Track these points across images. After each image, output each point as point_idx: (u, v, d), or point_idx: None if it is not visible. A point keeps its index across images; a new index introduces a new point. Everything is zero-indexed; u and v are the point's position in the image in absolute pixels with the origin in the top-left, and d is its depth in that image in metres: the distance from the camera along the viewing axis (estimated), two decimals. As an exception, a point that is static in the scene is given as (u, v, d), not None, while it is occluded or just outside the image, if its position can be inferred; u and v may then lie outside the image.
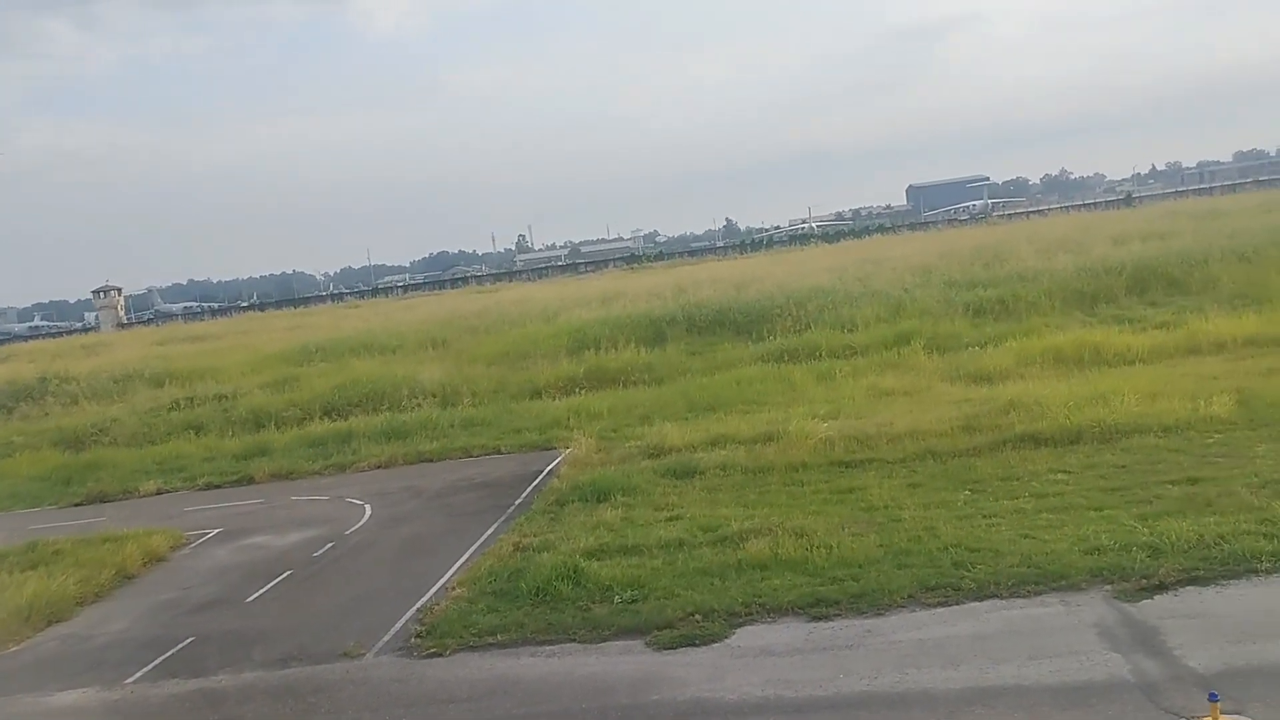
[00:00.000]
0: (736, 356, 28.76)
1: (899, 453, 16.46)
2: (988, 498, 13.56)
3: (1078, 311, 29.52)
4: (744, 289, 38.44)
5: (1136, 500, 12.48)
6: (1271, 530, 10.59)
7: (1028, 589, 10.15)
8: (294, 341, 45.27)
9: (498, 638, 10.59)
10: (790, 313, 31.77)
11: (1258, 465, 13.29)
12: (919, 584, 10.54)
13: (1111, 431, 15.84)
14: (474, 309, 49.00)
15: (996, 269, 35.30)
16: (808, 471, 16.01)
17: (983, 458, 15.61)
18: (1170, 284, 30.66)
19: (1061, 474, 14.23)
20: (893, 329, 28.57)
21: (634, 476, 16.62)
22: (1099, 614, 9.39)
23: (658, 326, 33.02)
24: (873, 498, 14.09)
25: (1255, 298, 27.79)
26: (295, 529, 16.75)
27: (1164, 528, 11.06)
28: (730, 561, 11.72)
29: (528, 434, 22.12)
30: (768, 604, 10.52)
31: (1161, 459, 14.30)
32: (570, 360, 29.72)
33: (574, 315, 37.60)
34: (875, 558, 11.39)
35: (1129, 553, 10.54)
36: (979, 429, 17.09)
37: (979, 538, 11.69)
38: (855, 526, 12.75)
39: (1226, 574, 9.86)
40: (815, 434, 17.93)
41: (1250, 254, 31.37)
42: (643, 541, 12.93)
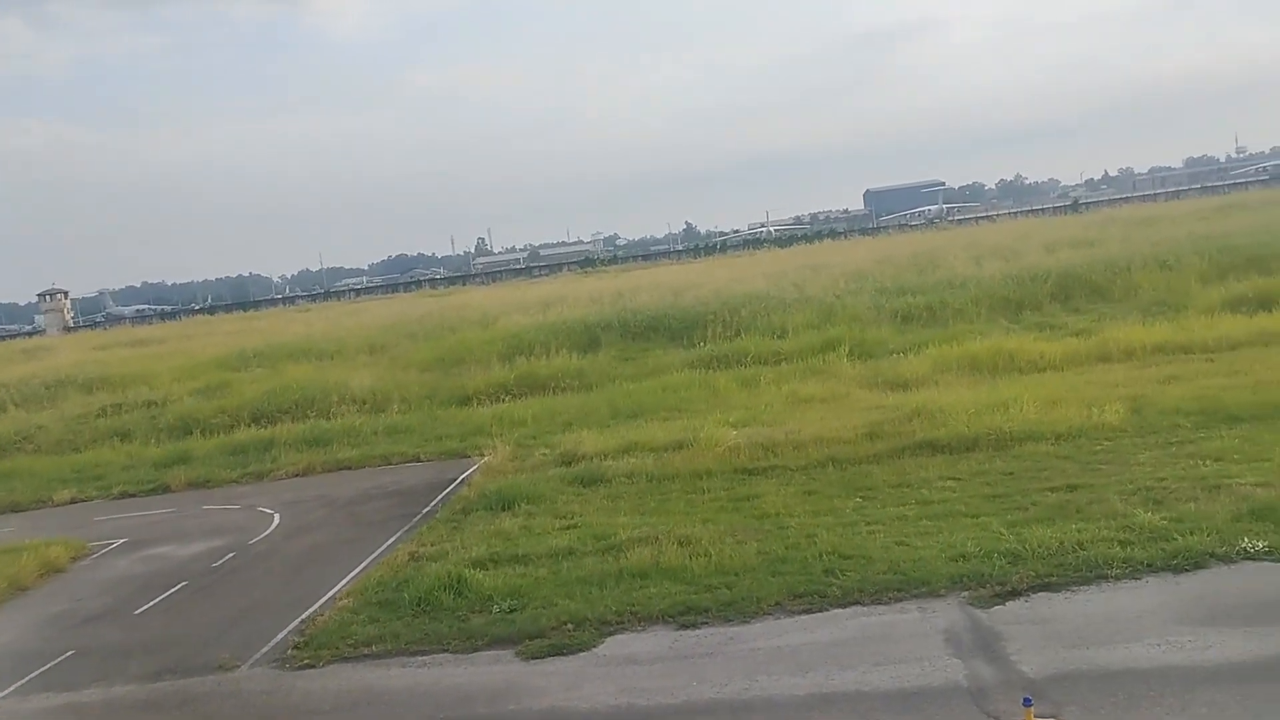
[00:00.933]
0: (667, 363, 28.97)
1: (802, 460, 16.67)
2: (876, 505, 13.82)
3: (1002, 319, 30.06)
4: (681, 295, 38.69)
5: (1013, 507, 12.79)
6: (1127, 537, 10.92)
7: (890, 596, 10.40)
8: (235, 346, 44.85)
9: (373, 648, 10.65)
10: (723, 319, 32.08)
11: (1135, 472, 13.66)
12: (788, 591, 10.75)
13: (1007, 439, 16.16)
14: (417, 314, 48.92)
15: (929, 275, 35.87)
16: (710, 479, 16.18)
17: (881, 465, 15.88)
18: (1093, 291, 31.36)
19: (951, 481, 14.53)
20: (821, 335, 28.94)
21: (541, 485, 16.73)
22: (951, 620, 9.65)
23: (592, 333, 33.20)
24: (767, 505, 14.30)
25: (1173, 304, 28.52)
26: (200, 539, 16.68)
27: (1029, 535, 11.36)
28: (612, 570, 11.86)
29: (448, 441, 22.16)
30: (640, 612, 10.67)
31: (1048, 466, 14.64)
32: (502, 367, 29.77)
33: (512, 321, 37.63)
34: (752, 565, 11.59)
35: (990, 559, 10.82)
36: (882, 436, 17.38)
37: (855, 545, 11.92)
38: (741, 534, 12.95)
39: (1078, 580, 10.16)
40: (724, 441, 18.15)
41: (1172, 261, 32.14)
42: (533, 550, 13.05)
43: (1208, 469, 13.37)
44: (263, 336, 50.92)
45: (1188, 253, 32.57)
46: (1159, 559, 10.34)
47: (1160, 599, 9.58)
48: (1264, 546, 10.28)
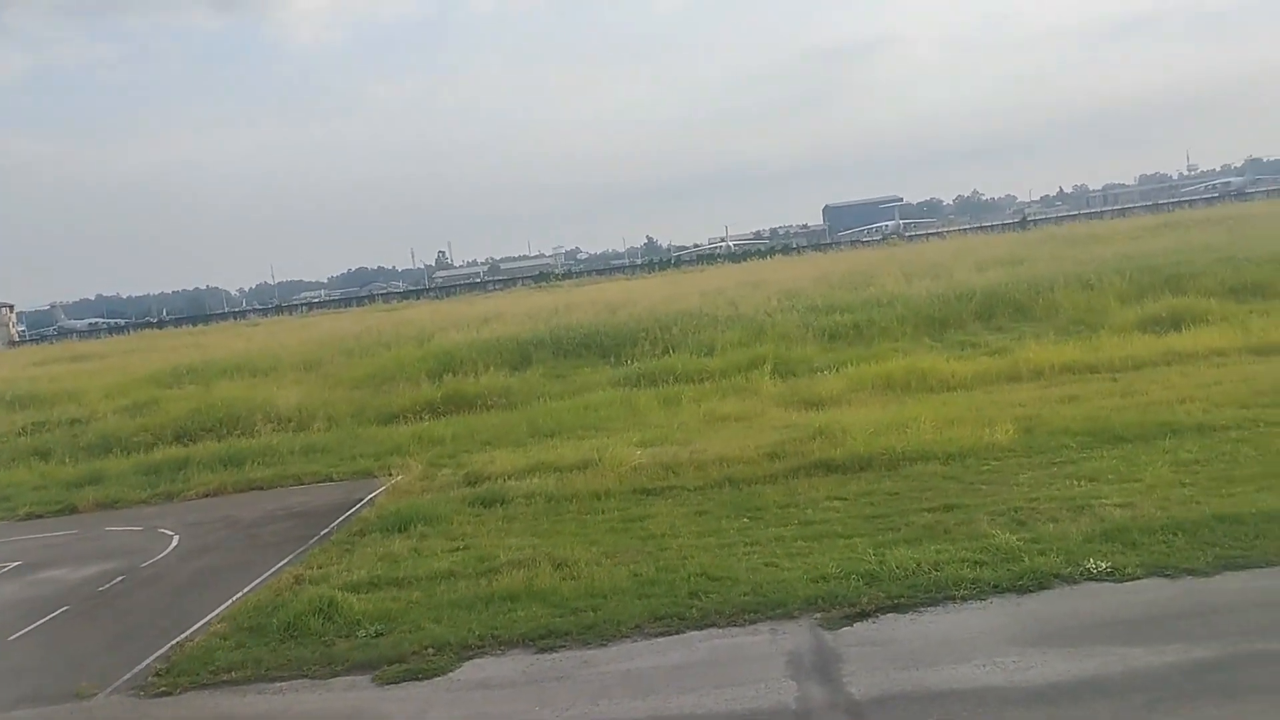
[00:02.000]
0: (595, 381, 29.08)
1: (701, 480, 16.84)
2: (760, 526, 14.01)
3: (926, 337, 30.48)
4: (618, 311, 38.88)
5: (887, 528, 13.04)
6: (983, 558, 11.18)
7: (746, 618, 10.57)
8: (172, 362, 44.38)
9: (232, 675, 10.62)
10: (654, 337, 32.28)
11: (1011, 493, 13.97)
12: (650, 614, 10.88)
13: (899, 459, 16.45)
14: (358, 329, 48.69)
15: (861, 293, 36.32)
16: (608, 500, 16.29)
17: (775, 485, 16.08)
18: (1016, 310, 31.90)
19: (838, 501, 14.76)
20: (748, 353, 29.20)
21: (441, 506, 16.75)
22: (797, 642, 9.83)
23: (524, 350, 33.24)
24: (655, 526, 14.44)
25: (1091, 324, 29.10)
26: (95, 562, 16.50)
27: (891, 556, 11.60)
28: (484, 593, 11.94)
29: (364, 461, 22.08)
30: (503, 636, 10.75)
31: (932, 486, 14.92)
32: (431, 384, 29.70)
33: (447, 338, 37.57)
34: (622, 588, 11.71)
35: (849, 581, 11.03)
36: (783, 456, 17.61)
37: (726, 566, 12.10)
38: (622, 556, 13.08)
39: (927, 601, 10.39)
40: (629, 461, 18.32)
41: (1094, 281, 32.78)
42: (414, 573, 13.09)
43: (1080, 489, 13.71)
44: (204, 352, 50.41)
45: (1110, 272, 33.24)
46: (1007, 580, 10.61)
47: (999, 620, 9.83)
48: (1107, 567, 10.59)
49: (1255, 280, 30.55)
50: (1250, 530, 11.04)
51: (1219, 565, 10.35)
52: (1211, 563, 10.42)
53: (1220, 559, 10.47)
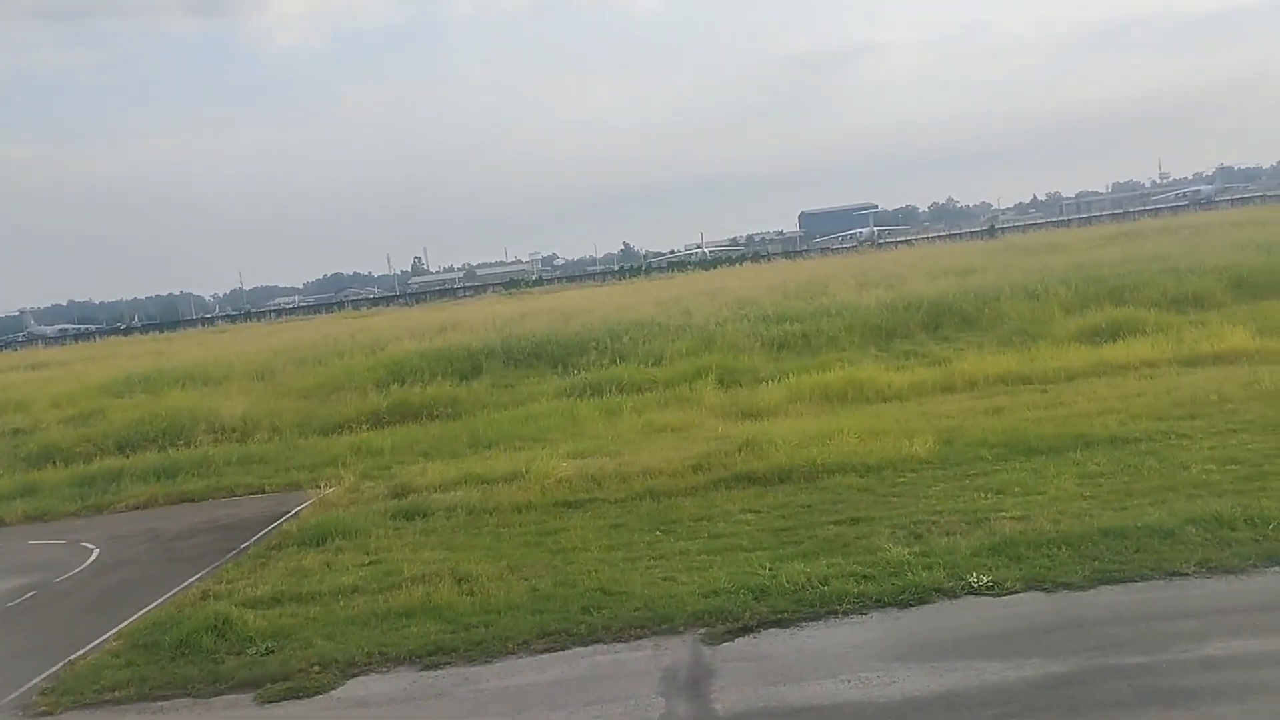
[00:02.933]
0: (541, 390, 29.08)
1: (624, 492, 16.89)
2: (671, 539, 14.08)
3: (873, 347, 30.71)
4: (571, 320, 38.91)
5: (791, 541, 13.14)
6: (871, 573, 11.29)
7: (633, 633, 10.63)
8: (130, 370, 44.05)
9: (116, 694, 10.58)
10: (604, 346, 32.35)
11: (919, 506, 14.11)
12: (540, 630, 10.92)
13: (819, 471, 16.57)
14: (317, 337, 48.49)
15: (813, 302, 36.50)
16: (529, 512, 16.33)
17: (695, 497, 16.16)
18: (963, 320, 32.14)
19: (751, 514, 14.85)
20: (695, 363, 29.26)
21: (364, 519, 16.71)
22: (677, 658, 9.90)
23: (475, 359, 33.19)
24: (568, 540, 14.48)
25: (1034, 334, 29.34)
26: (9, 576, 16.35)
27: (786, 569, 11.70)
28: (381, 609, 11.94)
29: (298, 473, 22.00)
30: (391, 653, 10.76)
31: (846, 499, 15.03)
32: (378, 394, 29.64)
33: (401, 347, 37.50)
34: (518, 603, 11.75)
35: (739, 595, 11.11)
36: (707, 468, 17.68)
37: (624, 581, 12.16)
38: (529, 570, 13.12)
39: (810, 616, 10.49)
40: (555, 473, 18.37)
41: (1040, 291, 33.08)
42: (318, 589, 13.07)
43: (984, 502, 13.87)
44: (163, 360, 50.17)
45: (1056, 282, 33.54)
46: (890, 594, 10.72)
47: (874, 635, 9.94)
48: (988, 581, 10.72)
49: (1196, 291, 30.94)
50: (1132, 544, 11.21)
51: (1095, 579, 10.51)
52: (1088, 577, 10.57)
53: (1098, 573, 10.63)
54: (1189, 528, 11.34)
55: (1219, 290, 30.72)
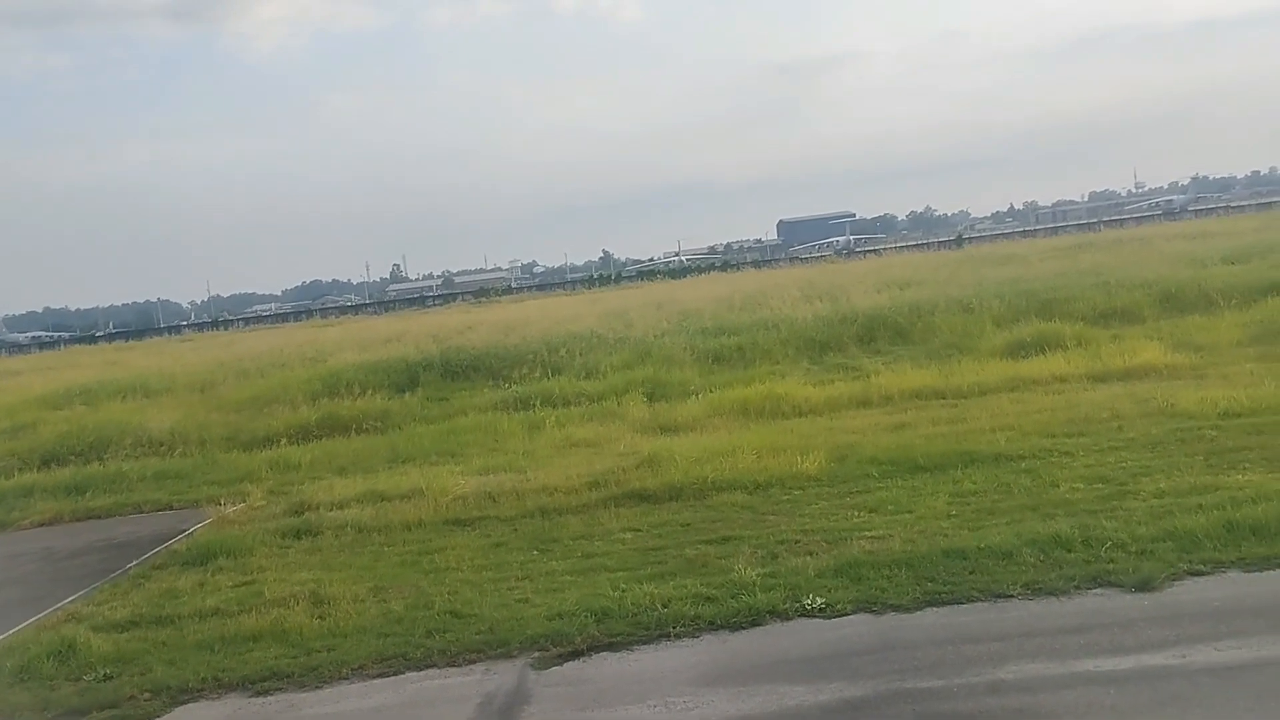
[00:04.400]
0: (473, 404, 29.11)
1: (516, 510, 16.93)
2: (546, 559, 14.13)
3: (806, 360, 30.88)
4: (511, 333, 38.97)
5: (655, 561, 13.20)
6: (714, 594, 11.37)
7: (468, 657, 10.66)
8: (77, 381, 43.87)
9: (-60, 721, 10.56)
10: (542, 359, 32.41)
11: (792, 524, 14.20)
12: (379, 654, 10.94)
13: (709, 488, 16.64)
14: (265, 348, 48.42)
15: (754, 314, 36.71)
16: (417, 531, 16.35)
17: (583, 515, 16.21)
18: (896, 333, 32.34)
19: (630, 533, 14.91)
20: (627, 377, 29.36)
21: (253, 538, 16.68)
22: (501, 684, 9.94)
23: (413, 372, 33.23)
24: (445, 560, 14.48)
25: (963, 348, 29.56)
26: (-109, 598, 16.25)
27: (636, 591, 11.76)
28: (230, 632, 11.93)
29: (209, 489, 21.90)
30: (226, 679, 10.75)
31: (726, 517, 15.12)
32: (308, 407, 29.61)
33: (342, 358, 37.48)
34: (366, 626, 11.77)
35: (581, 618, 11.16)
36: (604, 484, 17.73)
37: (480, 602, 12.20)
38: (394, 591, 13.14)
39: (643, 639, 10.55)
40: (454, 490, 18.42)
41: (974, 304, 33.34)
42: (179, 611, 13.05)
43: (855, 521, 13.99)
44: (118, 370, 50.07)
45: (990, 296, 33.81)
46: (725, 616, 10.80)
47: (698, 658, 10.02)
48: (822, 603, 10.81)
49: (1124, 305, 31.24)
50: (969, 565, 11.33)
51: (924, 601, 10.61)
52: (918, 599, 10.67)
53: (928, 595, 10.74)
54: (1027, 549, 11.47)
55: (1146, 305, 31.03)
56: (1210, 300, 30.13)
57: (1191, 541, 11.08)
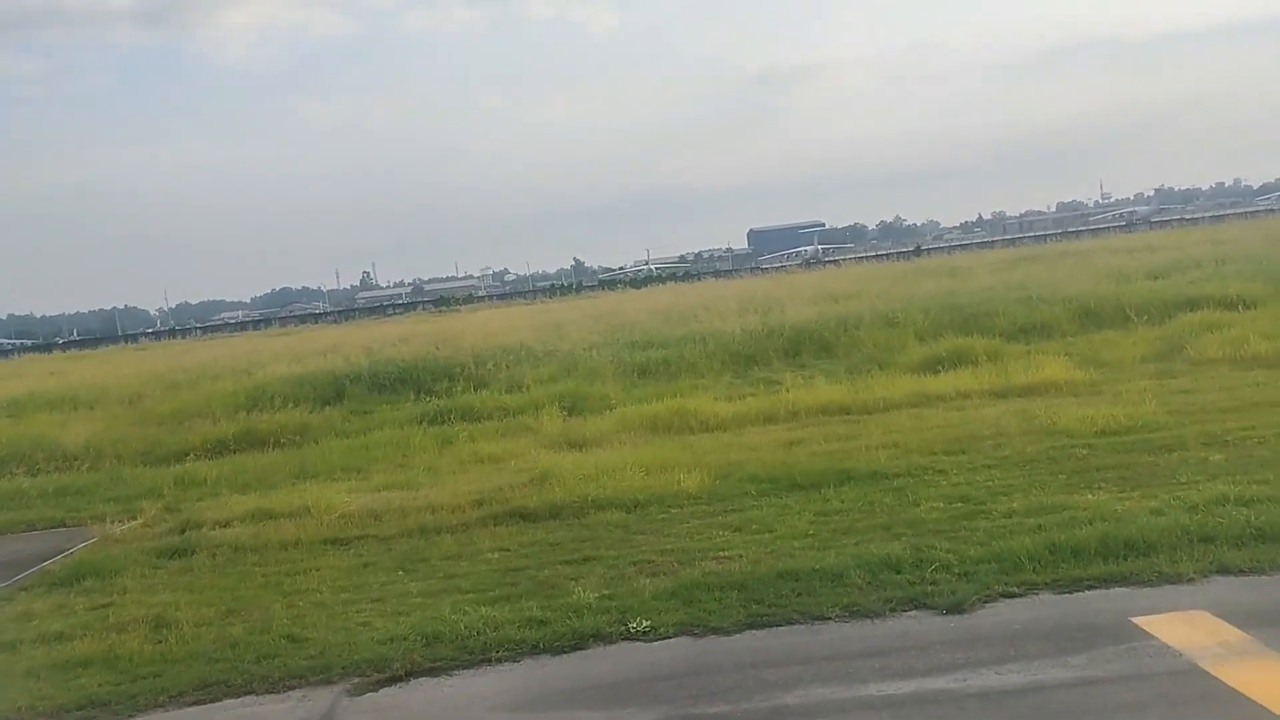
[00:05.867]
0: (394, 418, 29.05)
1: (397, 529, 16.88)
2: (408, 580, 14.10)
3: (730, 374, 31.05)
4: (446, 344, 38.95)
5: (508, 583, 13.20)
6: (548, 617, 11.38)
7: (289, 684, 10.60)
8: (9, 392, 43.45)
9: None
10: (469, 372, 32.40)
11: (658, 544, 14.26)
12: (202, 681, 10.85)
13: (590, 506, 16.67)
14: (205, 359, 48.12)
15: (685, 327, 36.86)
16: (293, 550, 16.27)
17: (459, 534, 16.18)
18: (821, 347, 32.58)
19: (498, 553, 14.91)
20: (550, 390, 29.40)
21: (128, 558, 16.54)
22: (312, 711, 9.91)
23: (339, 384, 33.14)
24: (310, 581, 14.42)
25: (883, 362, 29.82)
26: None
27: (475, 614, 11.77)
28: (60, 659, 11.81)
29: (108, 505, 21.58)
30: (43, 708, 10.61)
31: (596, 537, 15.15)
32: (228, 421, 29.44)
33: (271, 370, 37.30)
34: (202, 651, 11.68)
35: (410, 642, 11.14)
36: (489, 502, 17.73)
37: (323, 626, 12.16)
38: (245, 614, 13.07)
39: (466, 663, 10.54)
40: (341, 507, 18.36)
41: (899, 318, 33.65)
42: (23, 636, 12.89)
43: (716, 540, 14.07)
44: (56, 380, 49.60)
45: (916, 310, 34.11)
46: (550, 639, 10.81)
47: (513, 683, 10.03)
48: (646, 626, 10.86)
49: (1044, 320, 31.64)
50: (799, 587, 11.42)
51: (746, 624, 10.68)
52: (740, 621, 10.74)
53: (752, 617, 10.81)
54: (858, 570, 11.57)
55: (1065, 320, 31.43)
56: (1126, 316, 30.52)
57: (1014, 563, 11.22)
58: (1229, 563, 10.70)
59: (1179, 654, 8.74)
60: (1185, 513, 12.19)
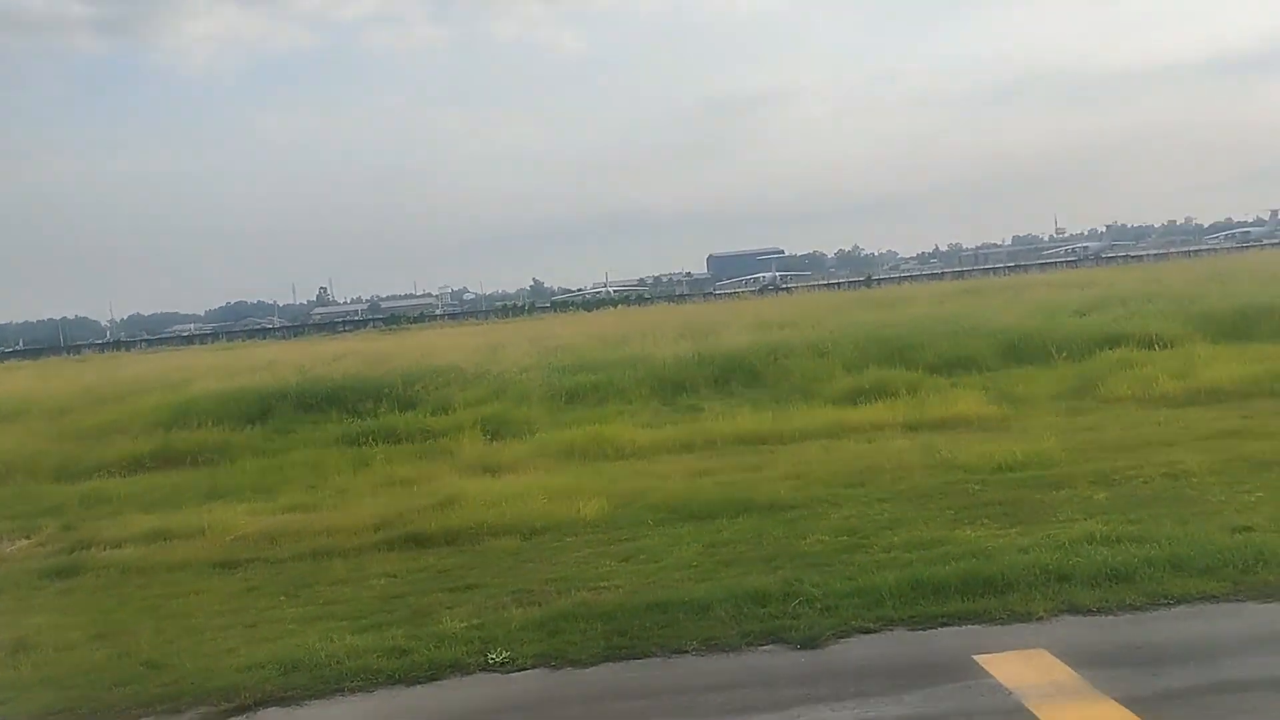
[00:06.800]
0: (317, 437, 28.74)
1: (290, 552, 16.69)
2: (290, 605, 13.92)
3: (658, 401, 31.11)
4: (381, 364, 38.71)
5: (384, 610, 13.07)
6: (411, 647, 11.27)
7: (137, 712, 10.37)
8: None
9: None
10: (398, 393, 32.19)
11: (544, 572, 14.24)
12: (46, 709, 10.60)
13: (486, 532, 16.60)
14: (145, 370, 47.42)
15: (618, 352, 36.93)
16: (180, 573, 16.02)
17: (352, 559, 16.05)
18: (751, 376, 32.76)
19: (386, 578, 14.79)
20: (476, 413, 29.27)
21: (11, 579, 16.26)
22: (150, 740, 9.77)
23: (266, 402, 32.76)
24: (189, 605, 14.22)
25: (810, 392, 30.00)
26: None
27: (340, 641, 11.64)
28: (-94, 684, 11.57)
29: (7, 523, 21.29)
30: (-121, 733, 10.42)
31: (487, 564, 15.08)
32: (147, 438, 29.02)
33: (200, 386, 36.83)
34: (56, 678, 11.42)
35: (269, 669, 11.01)
36: (387, 526, 17.60)
37: (188, 653, 11.95)
38: (114, 640, 12.83)
39: (319, 693, 10.41)
40: (238, 530, 18.14)
41: (829, 347, 33.95)
42: (-121, 658, 12.63)
43: (602, 569, 14.06)
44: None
45: (846, 341, 34.46)
46: (407, 669, 10.72)
47: (364, 714, 9.96)
48: (505, 657, 10.82)
49: (970, 353, 32.06)
50: (665, 619, 11.43)
51: (604, 656, 10.67)
52: (600, 653, 10.73)
53: (612, 649, 10.80)
54: (725, 603, 11.61)
55: (989, 354, 31.88)
56: (1048, 352, 31.03)
57: (877, 598, 11.33)
58: (1079, 602, 10.87)
59: (1009, 693, 8.87)
60: (1050, 551, 12.36)
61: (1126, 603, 10.82)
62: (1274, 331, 32.70)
